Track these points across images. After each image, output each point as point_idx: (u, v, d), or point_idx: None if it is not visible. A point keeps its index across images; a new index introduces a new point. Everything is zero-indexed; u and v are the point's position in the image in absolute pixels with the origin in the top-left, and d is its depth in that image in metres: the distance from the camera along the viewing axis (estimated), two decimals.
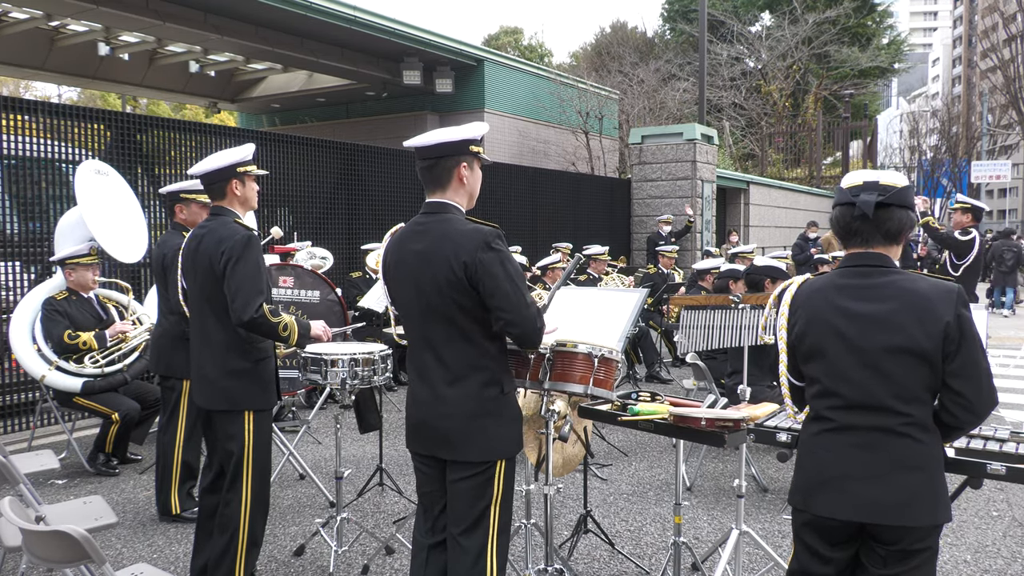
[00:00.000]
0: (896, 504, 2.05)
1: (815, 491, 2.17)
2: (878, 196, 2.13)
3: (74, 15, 13.31)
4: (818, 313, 2.18)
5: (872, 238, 2.18)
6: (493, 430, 2.48)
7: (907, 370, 2.05)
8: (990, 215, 55.62)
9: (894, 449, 2.07)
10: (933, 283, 2.12)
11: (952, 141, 31.86)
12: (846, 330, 2.12)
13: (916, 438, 2.07)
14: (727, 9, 30.27)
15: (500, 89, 17.65)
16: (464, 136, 2.54)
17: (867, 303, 2.11)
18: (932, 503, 2.07)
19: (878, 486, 2.07)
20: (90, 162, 5.91)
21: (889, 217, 2.15)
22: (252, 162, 3.37)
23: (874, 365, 2.07)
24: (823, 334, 2.15)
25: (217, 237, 3.17)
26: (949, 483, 2.21)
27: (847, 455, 2.11)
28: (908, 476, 2.06)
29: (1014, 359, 10.35)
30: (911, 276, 2.14)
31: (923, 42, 78.03)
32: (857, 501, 2.09)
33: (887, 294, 2.10)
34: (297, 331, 3.24)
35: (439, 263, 2.43)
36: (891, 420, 2.07)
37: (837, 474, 2.12)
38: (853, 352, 2.10)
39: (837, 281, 2.20)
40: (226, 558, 3.22)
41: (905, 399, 2.06)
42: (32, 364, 5.28)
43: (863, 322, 2.10)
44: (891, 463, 2.06)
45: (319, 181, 9.19)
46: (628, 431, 5.99)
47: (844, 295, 2.15)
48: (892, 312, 2.07)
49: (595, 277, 8.71)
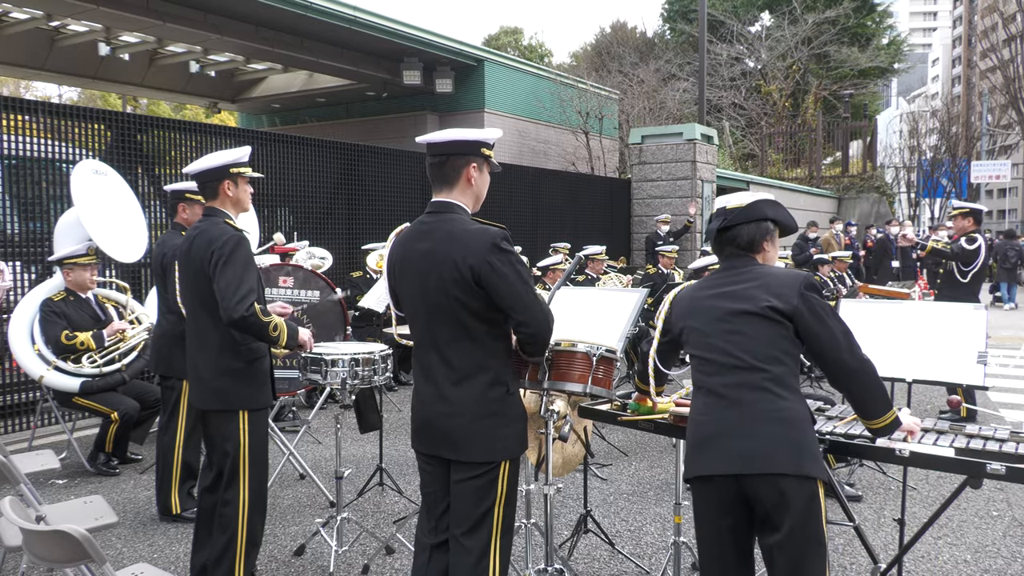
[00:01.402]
0: (761, 454, 2.23)
1: (693, 455, 2.38)
2: (722, 222, 2.51)
3: (74, 15, 13.32)
4: (687, 301, 2.56)
5: (726, 251, 2.54)
6: (498, 430, 2.48)
7: (757, 329, 2.32)
8: (990, 215, 55.60)
9: (757, 403, 2.27)
10: (786, 270, 2.48)
11: (952, 141, 31.83)
12: (707, 305, 2.45)
13: (776, 393, 2.27)
14: (727, 9, 30.23)
15: (500, 89, 17.66)
16: (477, 137, 2.55)
17: (726, 286, 2.45)
18: (796, 453, 2.22)
19: (744, 439, 2.26)
20: (87, 162, 5.91)
21: (737, 235, 2.50)
22: (247, 164, 3.37)
23: (731, 329, 2.35)
24: (688, 312, 2.51)
25: (207, 238, 3.18)
26: (949, 483, 2.22)
27: (717, 415, 2.33)
28: (771, 427, 2.25)
29: (1014, 359, 10.35)
30: (766, 266, 2.49)
31: (923, 42, 77.97)
32: (726, 455, 2.28)
33: (743, 277, 2.43)
34: (287, 332, 3.23)
35: (445, 263, 2.42)
36: (752, 376, 2.29)
37: (710, 433, 2.34)
38: (713, 321, 2.40)
39: (706, 279, 2.57)
40: (225, 558, 3.23)
41: (761, 357, 2.29)
42: (31, 365, 5.28)
43: (721, 297, 2.43)
44: (754, 416, 2.27)
45: (319, 181, 9.19)
46: (628, 431, 5.99)
47: (708, 284, 2.53)
48: (745, 288, 2.39)
49: (593, 277, 8.70)
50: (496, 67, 17.69)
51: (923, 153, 32.53)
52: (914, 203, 33.45)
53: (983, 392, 6.77)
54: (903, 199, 34.11)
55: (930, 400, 7.51)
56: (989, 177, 27.81)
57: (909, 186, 33.68)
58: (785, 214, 2.58)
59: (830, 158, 30.27)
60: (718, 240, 2.54)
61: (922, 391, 7.70)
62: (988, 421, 6.23)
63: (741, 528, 2.35)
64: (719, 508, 2.34)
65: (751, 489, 2.25)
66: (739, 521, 2.34)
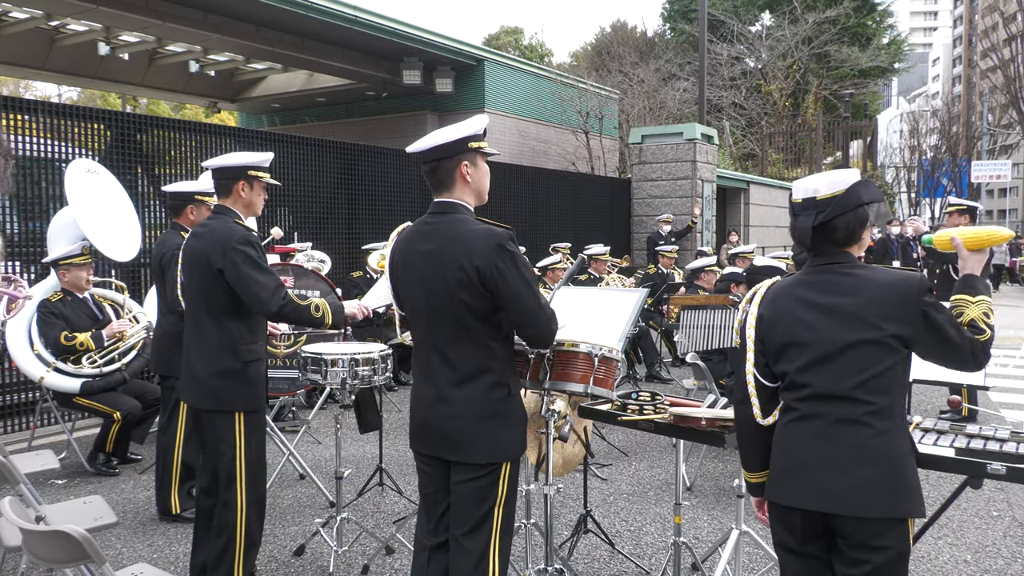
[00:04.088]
0: (854, 494, 2.05)
1: (780, 482, 2.19)
2: (816, 215, 2.17)
3: (74, 15, 13.31)
4: (787, 310, 2.20)
5: (823, 249, 2.22)
6: (500, 432, 2.47)
7: (872, 360, 2.07)
8: (990, 215, 55.60)
9: (854, 439, 2.07)
10: (895, 273, 2.15)
11: (952, 141, 31.86)
12: (815, 322, 2.14)
13: (877, 428, 2.07)
14: (727, 9, 30.22)
15: (500, 89, 17.65)
16: (461, 134, 2.50)
17: (830, 295, 2.15)
18: (891, 494, 2.05)
19: (838, 476, 2.07)
20: (80, 161, 5.89)
21: (834, 229, 2.18)
22: (266, 170, 3.38)
23: (838, 357, 2.09)
24: (793, 328, 2.17)
25: (217, 236, 3.17)
26: (949, 483, 2.21)
27: (810, 445, 2.12)
28: (868, 467, 2.05)
29: (1013, 359, 10.35)
30: (874, 268, 2.16)
31: (923, 42, 77.93)
32: (817, 490, 2.09)
33: (849, 287, 2.13)
34: (331, 310, 3.24)
35: (450, 264, 2.41)
36: (854, 410, 2.08)
37: (800, 464, 2.14)
38: (821, 343, 2.12)
39: (803, 279, 2.23)
40: (224, 558, 3.22)
41: (869, 389, 2.07)
42: (30, 366, 5.27)
43: (830, 314, 2.13)
44: (850, 454, 2.07)
45: (319, 181, 9.19)
46: (628, 431, 5.99)
47: (810, 291, 2.19)
48: (857, 305, 2.10)
49: (596, 277, 8.71)
50: (496, 67, 17.68)
51: (923, 153, 32.56)
52: (914, 203, 33.46)
53: (983, 392, 6.76)
54: (903, 199, 34.12)
55: (930, 400, 7.51)
56: (989, 177, 27.79)
57: (909, 186, 33.69)
58: (879, 194, 2.25)
59: (830, 158, 30.24)
60: (815, 238, 2.20)
61: (922, 391, 7.70)
62: (988, 421, 6.23)
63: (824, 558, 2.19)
64: (799, 537, 2.18)
65: (839, 524, 2.10)
66: (822, 551, 2.18)
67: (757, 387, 2.25)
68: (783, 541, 2.23)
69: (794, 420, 2.17)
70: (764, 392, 2.25)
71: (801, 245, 2.26)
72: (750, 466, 2.35)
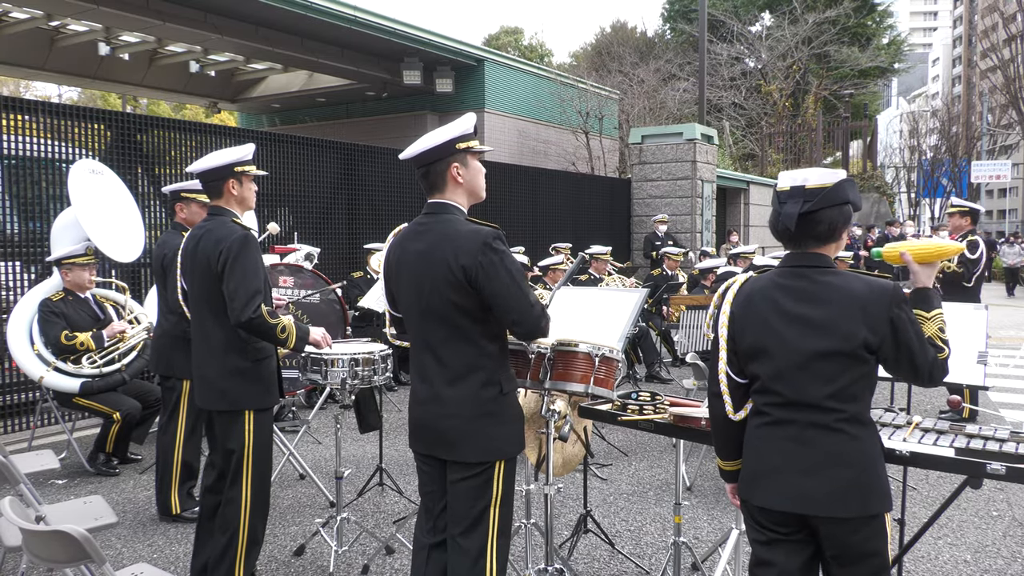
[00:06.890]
0: (827, 496, 2.09)
1: (754, 482, 2.22)
2: (803, 203, 2.15)
3: (74, 15, 13.31)
4: (759, 313, 2.20)
5: (804, 242, 2.20)
6: (492, 430, 2.47)
7: (842, 370, 2.09)
8: (989, 215, 55.61)
9: (826, 445, 2.10)
10: (868, 282, 2.13)
11: (952, 141, 31.85)
12: (784, 332, 2.14)
13: (850, 433, 2.10)
14: (727, 9, 30.23)
15: (500, 89, 17.65)
16: (448, 137, 2.52)
17: (804, 302, 2.14)
18: (864, 496, 2.09)
19: (812, 480, 2.10)
20: (83, 161, 5.90)
21: (818, 221, 2.16)
22: (251, 162, 3.36)
23: (809, 366, 2.11)
24: (763, 334, 2.18)
25: (215, 237, 3.17)
26: (949, 483, 2.21)
27: (783, 448, 2.15)
28: (841, 471, 2.09)
29: (1013, 359, 10.35)
30: (847, 276, 2.15)
31: (923, 42, 77.99)
32: (791, 492, 2.13)
33: (823, 293, 2.13)
34: (295, 334, 3.22)
35: (438, 264, 2.43)
36: (825, 417, 2.10)
37: (773, 466, 2.17)
38: (790, 354, 2.13)
39: (777, 281, 2.22)
40: (226, 558, 3.22)
41: (840, 398, 2.10)
42: (30, 366, 5.27)
43: (800, 325, 2.13)
44: (822, 458, 2.10)
45: (319, 181, 9.19)
46: (628, 431, 5.99)
47: (784, 296, 2.17)
48: (827, 316, 2.10)
49: (596, 277, 8.70)
50: (496, 67, 17.69)
51: (923, 153, 32.56)
52: (914, 203, 33.46)
53: (983, 392, 6.76)
54: (903, 199, 34.12)
55: (930, 400, 7.51)
56: (989, 177, 27.82)
57: (909, 186, 33.70)
58: (860, 200, 2.27)
59: (830, 158, 30.24)
60: (798, 225, 2.16)
61: (922, 391, 7.70)
62: (988, 421, 6.23)
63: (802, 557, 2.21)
64: (773, 534, 2.21)
65: (814, 523, 2.13)
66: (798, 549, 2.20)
67: (729, 385, 2.27)
68: (758, 539, 2.27)
69: (767, 424, 2.20)
70: (737, 389, 2.28)
71: (782, 236, 2.25)
72: (724, 455, 2.40)
